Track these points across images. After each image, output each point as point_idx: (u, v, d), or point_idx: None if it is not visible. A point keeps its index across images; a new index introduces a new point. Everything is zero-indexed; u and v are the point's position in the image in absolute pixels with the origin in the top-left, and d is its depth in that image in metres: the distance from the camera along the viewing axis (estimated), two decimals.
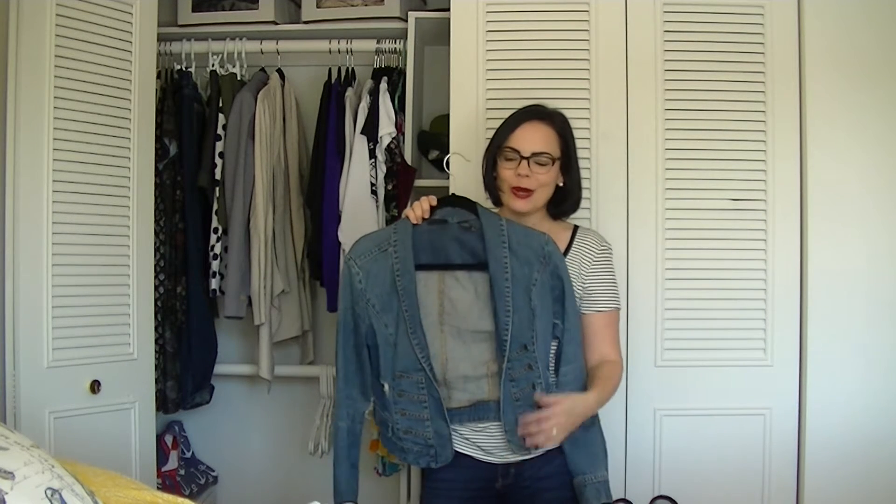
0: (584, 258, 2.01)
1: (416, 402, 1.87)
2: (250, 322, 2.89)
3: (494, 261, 1.84)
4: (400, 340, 1.86)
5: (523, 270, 1.85)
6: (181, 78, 2.93)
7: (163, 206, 2.83)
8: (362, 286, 1.89)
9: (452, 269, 1.89)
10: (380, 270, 1.88)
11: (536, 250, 1.87)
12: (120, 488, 1.42)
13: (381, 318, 1.87)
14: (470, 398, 1.87)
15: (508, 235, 1.86)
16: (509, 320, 1.82)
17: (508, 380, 1.84)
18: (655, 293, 2.36)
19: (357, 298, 1.90)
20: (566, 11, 2.40)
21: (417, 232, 1.90)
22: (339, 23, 2.90)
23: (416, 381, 1.86)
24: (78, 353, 2.30)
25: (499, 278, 1.83)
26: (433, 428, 1.87)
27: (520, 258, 1.86)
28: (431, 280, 1.88)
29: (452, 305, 1.87)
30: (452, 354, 1.86)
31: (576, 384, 1.90)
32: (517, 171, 1.95)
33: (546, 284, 1.87)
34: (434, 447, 1.87)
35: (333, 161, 2.83)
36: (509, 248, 1.85)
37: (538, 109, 2.02)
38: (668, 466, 2.36)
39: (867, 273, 2.34)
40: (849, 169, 2.35)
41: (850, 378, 2.33)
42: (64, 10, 2.26)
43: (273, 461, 3.21)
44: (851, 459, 2.32)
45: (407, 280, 1.85)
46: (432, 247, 1.89)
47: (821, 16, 2.35)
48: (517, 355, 1.84)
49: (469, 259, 1.88)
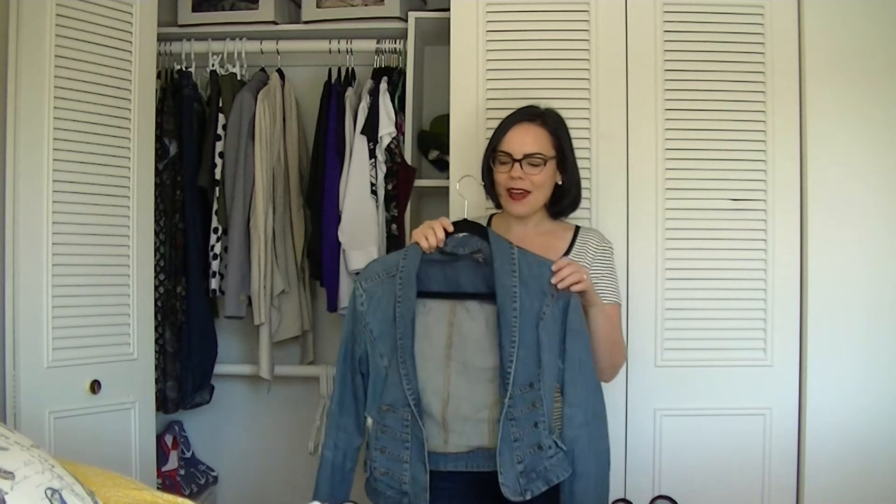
0: (586, 253, 2.01)
1: (399, 440, 1.77)
2: (250, 322, 2.89)
3: (502, 290, 1.76)
4: (391, 371, 1.78)
5: (533, 303, 1.77)
6: (181, 78, 2.93)
7: (163, 206, 2.83)
8: (363, 309, 1.83)
9: (464, 298, 1.81)
10: (383, 295, 1.81)
11: (547, 282, 1.79)
12: (120, 488, 1.42)
13: (377, 346, 1.80)
14: (468, 444, 1.78)
15: (520, 265, 1.78)
16: (514, 352, 1.73)
17: (508, 419, 1.73)
18: (655, 293, 2.36)
19: (356, 321, 1.84)
20: (566, 11, 2.40)
21: (430, 259, 1.82)
22: (339, 23, 2.90)
23: (401, 416, 1.77)
24: (78, 353, 2.30)
25: (506, 309, 1.75)
26: (410, 472, 1.76)
27: (530, 289, 1.77)
28: (442, 310, 1.81)
29: (461, 339, 1.80)
30: (456, 392, 1.78)
31: (582, 432, 1.79)
32: (510, 174, 1.95)
33: (557, 319, 1.78)
34: (408, 495, 1.75)
35: (333, 161, 2.83)
36: (520, 278, 1.77)
37: (529, 111, 2.02)
38: (668, 466, 2.36)
39: (867, 273, 2.34)
40: (849, 169, 2.35)
41: (850, 378, 2.33)
42: (64, 10, 2.26)
43: (273, 461, 3.21)
44: (851, 459, 2.32)
45: (405, 308, 1.77)
46: (444, 274, 1.82)
47: (821, 16, 2.35)
48: (520, 392, 1.74)
49: (482, 288, 1.80)
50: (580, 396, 1.80)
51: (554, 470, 1.77)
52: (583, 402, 1.80)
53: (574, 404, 1.80)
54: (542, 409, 1.76)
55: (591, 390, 1.82)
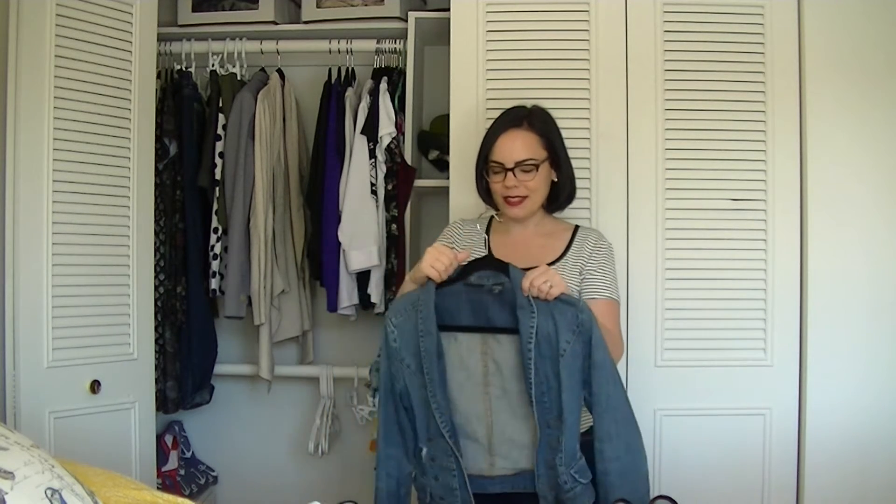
0: (583, 255, 2.01)
1: (446, 468, 1.82)
2: (250, 322, 2.89)
3: (522, 330, 1.76)
4: (426, 404, 1.82)
5: (555, 339, 1.76)
6: (181, 78, 2.93)
7: (163, 206, 2.83)
8: (397, 345, 1.84)
9: (494, 332, 1.81)
10: (413, 329, 1.82)
11: (570, 318, 1.77)
12: (120, 488, 1.42)
13: (415, 379, 1.82)
14: (514, 466, 1.82)
15: (538, 301, 1.76)
16: (532, 386, 1.75)
17: (547, 446, 1.78)
18: (655, 293, 2.36)
19: (392, 358, 1.85)
20: (566, 11, 2.40)
21: (456, 292, 1.81)
22: (339, 23, 2.90)
23: (443, 446, 1.81)
24: (78, 353, 2.30)
25: (524, 348, 1.76)
26: (461, 498, 1.81)
27: (552, 325, 1.76)
28: (474, 342, 1.82)
29: (497, 367, 1.81)
30: (498, 417, 1.81)
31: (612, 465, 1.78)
32: (504, 183, 1.95)
33: (578, 356, 1.77)
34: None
35: (333, 161, 2.83)
36: (542, 313, 1.75)
37: (514, 114, 2.01)
38: (668, 466, 2.35)
39: (867, 273, 2.34)
40: (849, 168, 2.35)
41: (850, 378, 2.33)
42: (64, 10, 2.26)
43: (273, 461, 3.21)
44: (851, 459, 2.32)
45: (429, 342, 1.79)
46: (472, 308, 1.82)
47: (821, 16, 2.35)
48: (554, 424, 1.77)
49: (511, 323, 1.79)
50: (609, 431, 1.79)
51: (575, 501, 1.79)
52: (613, 436, 1.80)
53: (603, 440, 1.79)
54: (563, 445, 1.77)
55: (623, 424, 1.81)
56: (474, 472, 1.84)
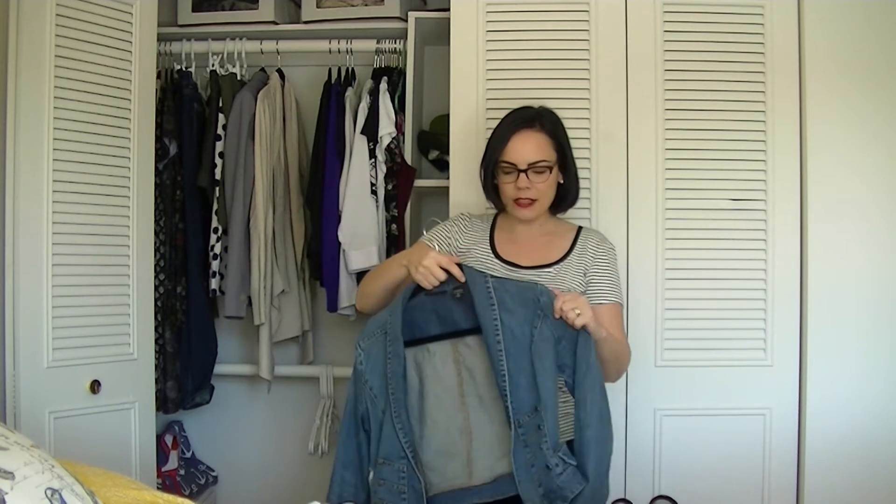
0: (586, 256, 2.01)
1: (395, 492, 1.80)
2: (250, 322, 2.89)
3: (486, 327, 1.78)
4: (385, 425, 1.81)
5: (522, 329, 1.78)
6: (181, 78, 2.93)
7: (163, 206, 2.83)
8: (363, 367, 1.86)
9: (462, 335, 1.83)
10: (380, 352, 1.85)
11: (532, 304, 1.80)
12: (120, 488, 1.42)
13: (377, 403, 1.83)
14: (492, 473, 1.80)
15: (498, 296, 1.79)
16: (506, 386, 1.75)
17: (522, 446, 1.76)
18: (655, 293, 2.36)
19: (358, 381, 1.87)
20: (566, 11, 2.40)
21: (421, 304, 1.84)
22: (339, 23, 2.90)
23: (397, 469, 1.80)
24: (78, 353, 2.30)
25: (492, 344, 1.78)
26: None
27: (517, 316, 1.79)
28: (445, 351, 1.84)
29: (470, 374, 1.82)
30: (478, 426, 1.81)
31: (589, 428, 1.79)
32: (517, 185, 1.95)
33: (548, 339, 1.79)
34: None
35: (333, 161, 2.83)
36: (503, 308, 1.78)
37: (526, 115, 2.01)
38: (668, 466, 2.36)
39: (867, 273, 2.34)
40: (849, 168, 2.35)
41: (851, 378, 2.33)
42: (64, 10, 2.26)
43: (273, 461, 3.21)
44: (851, 459, 2.32)
45: (396, 364, 1.81)
46: (438, 317, 1.84)
47: (821, 16, 2.35)
48: (528, 419, 1.76)
49: (475, 323, 1.81)
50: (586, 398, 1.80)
51: (568, 486, 1.77)
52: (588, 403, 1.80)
53: (580, 406, 1.80)
54: (544, 431, 1.76)
55: (598, 393, 1.82)
56: (454, 486, 1.82)
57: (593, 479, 1.78)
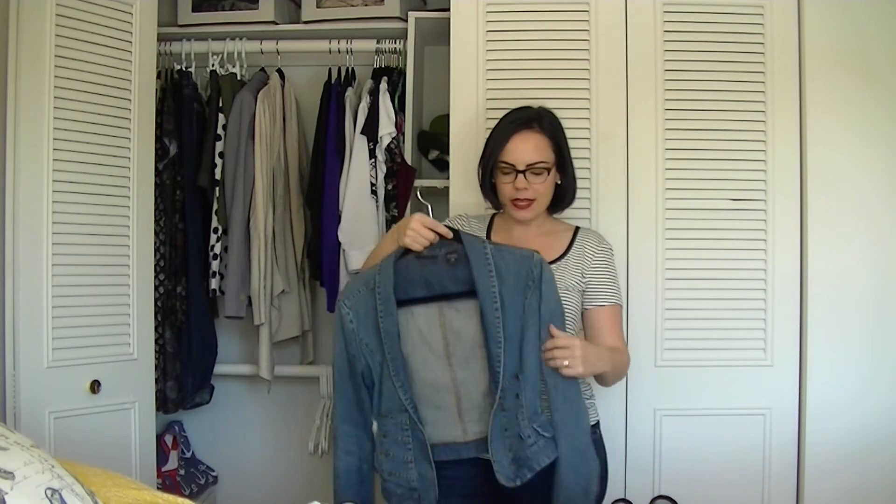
0: (585, 256, 2.01)
1: (400, 443, 1.84)
2: (250, 322, 2.89)
3: (483, 291, 1.80)
4: (384, 380, 1.84)
5: (514, 298, 1.81)
6: (181, 78, 2.93)
7: (163, 206, 2.83)
8: (353, 326, 1.87)
9: (449, 298, 1.84)
10: (368, 310, 1.86)
11: (525, 275, 1.82)
12: (120, 488, 1.42)
13: (375, 358, 1.86)
14: (485, 430, 1.83)
15: (495, 262, 1.82)
16: (500, 351, 1.79)
17: (501, 409, 1.80)
18: (655, 293, 2.36)
19: (350, 339, 1.88)
20: (566, 11, 2.40)
21: (408, 267, 1.85)
22: (339, 23, 2.90)
23: (399, 421, 1.84)
24: (78, 353, 2.30)
25: (488, 309, 1.80)
26: (417, 470, 1.83)
27: (509, 285, 1.81)
28: (431, 314, 1.85)
29: (456, 337, 1.84)
30: (465, 385, 1.84)
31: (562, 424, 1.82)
32: (515, 185, 1.95)
33: (534, 312, 1.82)
34: (417, 490, 1.83)
35: (333, 161, 2.83)
36: (498, 276, 1.81)
37: (525, 116, 2.01)
38: (668, 466, 2.35)
39: (867, 273, 2.34)
40: (849, 168, 2.35)
41: (851, 378, 2.33)
42: (64, 10, 2.26)
43: (273, 461, 3.21)
44: (851, 459, 2.32)
45: (389, 323, 1.82)
46: (425, 280, 1.85)
47: (821, 16, 2.35)
48: (510, 384, 1.80)
49: (465, 287, 1.83)
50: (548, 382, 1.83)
51: (536, 457, 1.81)
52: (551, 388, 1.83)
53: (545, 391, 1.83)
54: (522, 400, 1.80)
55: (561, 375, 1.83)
56: (448, 439, 1.86)
57: (570, 455, 1.82)
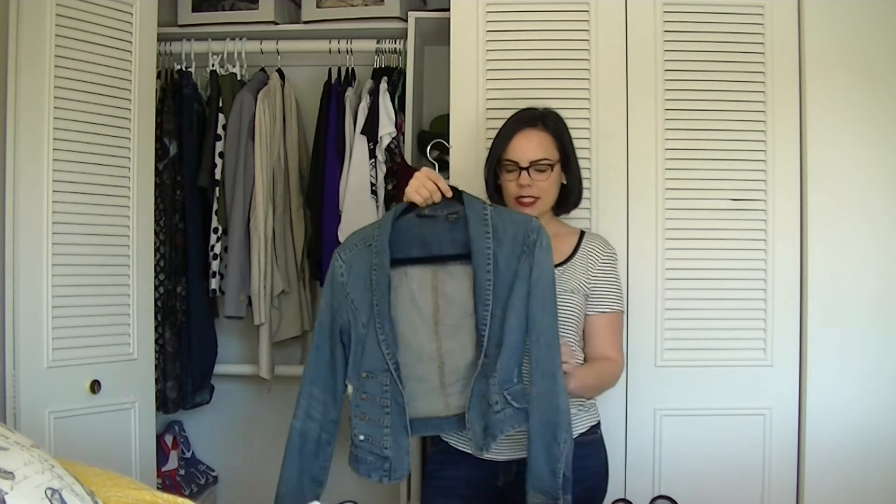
0: (590, 260, 2.02)
1: (378, 405, 1.79)
2: (250, 322, 2.89)
3: (477, 253, 1.77)
4: (369, 338, 1.79)
5: (509, 262, 1.77)
6: (181, 78, 2.93)
7: (163, 206, 2.83)
8: (344, 279, 1.83)
9: (445, 261, 1.82)
10: (362, 265, 1.83)
11: (522, 239, 1.78)
12: (120, 488, 1.42)
13: (359, 316, 1.81)
14: (466, 403, 1.79)
15: (494, 224, 1.79)
16: (488, 314, 1.75)
17: (482, 376, 1.76)
18: (655, 293, 2.36)
19: (337, 292, 1.84)
20: (566, 11, 2.40)
21: (407, 226, 1.83)
22: (339, 23, 2.90)
23: (380, 382, 1.79)
24: (78, 353, 2.30)
25: (481, 271, 1.77)
26: (392, 437, 1.78)
27: (505, 249, 1.78)
28: (424, 276, 1.82)
29: (447, 302, 1.81)
30: (450, 356, 1.80)
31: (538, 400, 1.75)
32: (518, 182, 1.96)
33: (524, 278, 1.77)
34: (390, 460, 1.78)
35: (333, 161, 2.83)
36: (495, 238, 1.78)
37: (529, 115, 2.02)
38: (668, 466, 2.36)
39: (867, 272, 2.34)
40: (849, 168, 2.35)
41: (851, 378, 2.33)
42: (64, 10, 2.26)
43: (273, 461, 3.18)
44: (851, 459, 2.32)
45: (381, 275, 1.79)
46: (422, 241, 1.83)
47: (821, 16, 2.35)
48: (493, 352, 1.76)
49: (461, 250, 1.80)
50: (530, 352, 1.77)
51: (500, 425, 1.74)
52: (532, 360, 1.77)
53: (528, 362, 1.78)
54: (498, 365, 1.74)
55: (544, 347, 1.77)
56: (429, 413, 1.81)
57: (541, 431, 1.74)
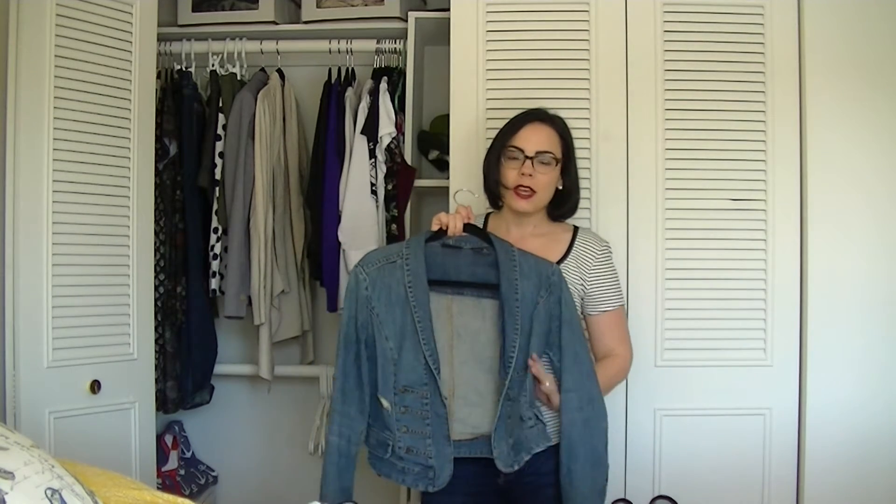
0: (586, 259, 2.02)
1: (420, 418, 1.83)
2: (250, 322, 2.89)
3: (506, 281, 1.85)
4: (405, 354, 1.83)
5: (532, 294, 1.86)
6: (181, 78, 2.93)
7: (163, 206, 2.83)
8: (368, 293, 1.86)
9: (461, 287, 1.88)
10: (387, 281, 1.86)
11: (543, 279, 1.89)
12: (120, 488, 1.42)
13: (382, 331, 1.84)
14: (472, 431, 1.85)
15: (519, 263, 1.88)
16: (517, 338, 1.82)
17: (507, 399, 1.83)
18: (655, 293, 2.36)
19: (361, 307, 1.87)
20: (566, 11, 2.40)
21: (431, 253, 1.89)
22: (339, 23, 2.91)
23: (420, 395, 1.83)
24: (78, 353, 2.30)
25: (510, 297, 1.84)
26: (435, 447, 1.83)
27: (529, 282, 1.87)
28: (441, 304, 1.87)
29: (463, 330, 1.87)
30: (461, 382, 1.85)
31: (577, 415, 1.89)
32: (521, 171, 1.96)
33: (547, 312, 1.88)
34: (433, 468, 1.82)
35: (333, 161, 2.83)
36: (520, 272, 1.87)
37: (540, 112, 2.04)
38: (668, 466, 2.35)
39: (867, 272, 2.34)
40: (849, 168, 2.35)
41: (850, 378, 2.33)
42: (64, 10, 2.26)
43: (273, 461, 3.21)
44: (851, 459, 2.32)
45: (420, 291, 1.83)
46: (443, 268, 1.89)
47: (821, 16, 2.35)
48: (518, 375, 1.84)
49: (479, 279, 1.88)
50: (576, 383, 1.89)
51: (534, 439, 1.88)
52: (578, 387, 1.89)
53: (570, 390, 1.89)
54: (526, 387, 1.87)
55: (585, 377, 1.90)
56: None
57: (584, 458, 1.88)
